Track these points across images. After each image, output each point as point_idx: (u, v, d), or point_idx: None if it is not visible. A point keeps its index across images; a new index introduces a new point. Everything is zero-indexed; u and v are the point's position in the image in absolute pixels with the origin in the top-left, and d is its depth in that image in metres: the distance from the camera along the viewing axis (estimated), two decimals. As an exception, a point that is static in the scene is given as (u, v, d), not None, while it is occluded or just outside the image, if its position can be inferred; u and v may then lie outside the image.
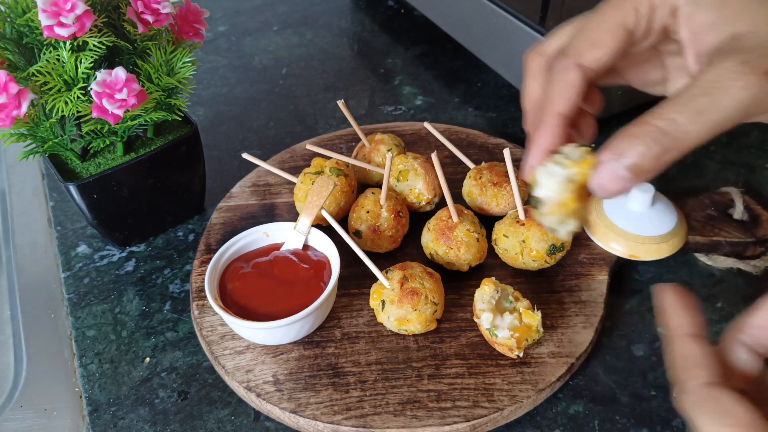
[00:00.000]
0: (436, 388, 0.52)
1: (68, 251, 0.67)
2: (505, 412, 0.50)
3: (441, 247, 0.58)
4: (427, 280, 0.54)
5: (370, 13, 1.06)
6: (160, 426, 0.52)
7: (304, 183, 0.63)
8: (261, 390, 0.52)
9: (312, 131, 0.82)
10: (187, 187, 0.68)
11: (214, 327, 0.57)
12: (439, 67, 0.93)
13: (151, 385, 0.55)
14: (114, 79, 0.52)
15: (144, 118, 0.58)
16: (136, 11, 0.55)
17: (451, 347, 0.55)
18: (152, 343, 0.58)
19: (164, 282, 0.63)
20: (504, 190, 0.62)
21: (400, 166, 0.64)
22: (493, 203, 0.63)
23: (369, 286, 0.57)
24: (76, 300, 0.62)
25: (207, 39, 0.99)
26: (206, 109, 0.86)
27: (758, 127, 0.79)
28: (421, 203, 0.64)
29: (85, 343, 0.58)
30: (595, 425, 0.51)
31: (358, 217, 0.61)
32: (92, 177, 0.59)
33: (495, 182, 0.63)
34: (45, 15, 0.49)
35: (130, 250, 0.67)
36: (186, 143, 0.63)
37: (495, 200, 0.63)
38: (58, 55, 0.53)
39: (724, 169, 0.73)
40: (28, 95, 0.51)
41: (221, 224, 0.67)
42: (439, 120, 0.82)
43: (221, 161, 0.77)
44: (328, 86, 0.90)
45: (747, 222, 0.62)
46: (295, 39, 1.00)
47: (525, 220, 0.58)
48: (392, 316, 0.54)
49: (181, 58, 0.59)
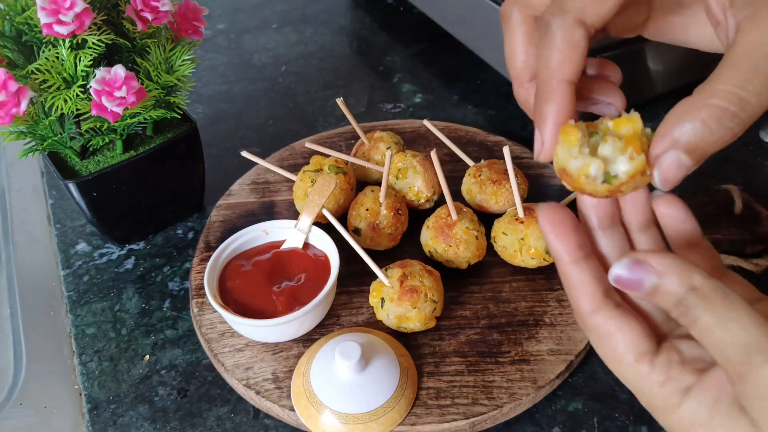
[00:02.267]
0: (435, 386, 0.52)
1: (68, 249, 0.67)
2: (504, 409, 0.50)
3: (440, 244, 0.58)
4: (426, 277, 0.54)
5: (369, 11, 1.06)
6: (159, 423, 0.52)
7: (304, 181, 0.63)
8: (260, 387, 0.52)
9: (311, 129, 0.82)
10: (186, 185, 0.68)
11: (213, 324, 0.57)
12: (438, 65, 0.92)
13: (150, 383, 0.55)
14: (113, 76, 0.52)
15: (143, 115, 0.58)
16: (135, 9, 0.54)
17: (451, 345, 0.55)
18: (152, 340, 0.58)
19: (164, 280, 0.63)
20: (503, 188, 0.62)
21: (400, 164, 0.64)
22: (492, 201, 0.63)
23: (368, 283, 0.57)
24: (75, 298, 0.62)
25: (206, 37, 0.99)
26: (205, 106, 0.86)
27: (758, 126, 0.79)
28: (421, 201, 0.64)
29: (85, 341, 0.58)
30: (595, 422, 0.51)
31: (357, 214, 0.61)
32: (91, 175, 0.59)
33: (494, 180, 0.63)
34: (44, 13, 0.49)
35: (129, 248, 0.67)
36: (185, 141, 0.63)
37: (494, 198, 0.63)
38: (57, 53, 0.53)
39: (723, 166, 0.73)
40: (27, 93, 0.51)
41: (220, 222, 0.67)
42: (438, 117, 0.82)
43: (220, 159, 0.77)
44: (327, 84, 0.90)
45: (747, 220, 0.62)
46: (294, 37, 1.00)
47: (524, 218, 0.58)
48: (392, 313, 0.54)
49: (180, 56, 0.59)
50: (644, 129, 0.29)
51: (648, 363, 0.30)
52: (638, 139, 0.29)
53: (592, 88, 0.35)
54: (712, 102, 0.26)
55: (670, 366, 0.30)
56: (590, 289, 0.31)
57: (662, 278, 0.28)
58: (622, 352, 0.30)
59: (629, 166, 0.29)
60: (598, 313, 0.31)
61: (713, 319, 0.27)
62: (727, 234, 0.61)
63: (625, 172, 0.29)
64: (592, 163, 0.29)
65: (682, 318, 0.28)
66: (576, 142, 0.29)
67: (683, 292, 0.28)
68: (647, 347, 0.30)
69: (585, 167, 0.29)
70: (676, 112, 0.27)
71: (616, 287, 0.30)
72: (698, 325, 0.27)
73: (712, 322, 0.27)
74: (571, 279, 0.31)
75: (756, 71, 0.26)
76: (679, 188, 0.30)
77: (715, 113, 0.26)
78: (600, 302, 0.31)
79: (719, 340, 0.27)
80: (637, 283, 0.29)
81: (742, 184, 0.69)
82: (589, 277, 0.31)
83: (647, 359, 0.30)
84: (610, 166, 0.29)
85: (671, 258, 0.28)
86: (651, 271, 0.28)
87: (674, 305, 0.28)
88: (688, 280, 0.28)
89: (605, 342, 0.31)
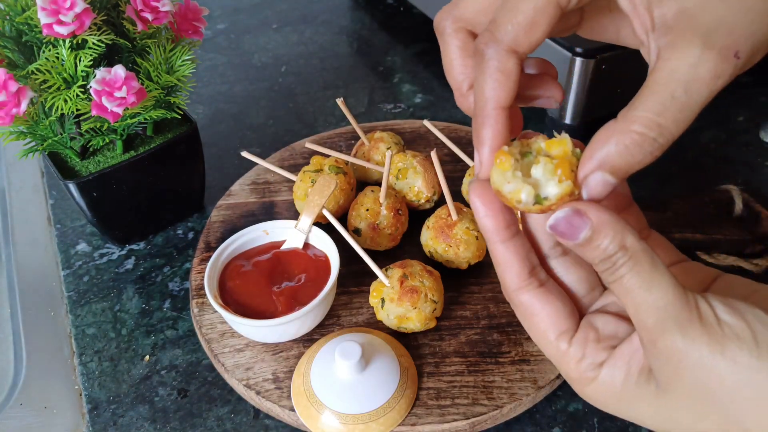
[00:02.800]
0: (435, 386, 0.52)
1: (68, 249, 0.67)
2: (504, 409, 0.50)
3: (440, 244, 0.58)
4: (426, 278, 0.54)
5: (369, 11, 1.06)
6: (159, 424, 0.52)
7: (304, 181, 0.63)
8: (261, 388, 0.52)
9: (311, 129, 0.82)
10: (186, 185, 0.68)
11: (213, 325, 0.57)
12: (438, 65, 0.92)
13: (150, 383, 0.55)
14: (113, 77, 0.52)
15: (143, 116, 0.58)
16: (135, 9, 0.54)
17: (451, 345, 0.55)
18: (152, 341, 0.58)
19: (164, 280, 0.63)
20: (503, 188, 0.62)
21: (400, 164, 0.64)
22: (492, 201, 0.63)
23: (368, 283, 0.57)
24: (75, 298, 0.62)
25: (206, 37, 0.99)
26: (205, 107, 0.86)
27: (758, 125, 0.79)
28: (421, 201, 0.64)
29: (85, 341, 0.58)
30: (595, 423, 0.51)
31: (357, 215, 0.61)
32: (92, 175, 0.59)
33: (494, 180, 0.63)
34: (44, 13, 0.49)
35: (129, 248, 0.67)
36: (185, 141, 0.63)
37: (494, 198, 0.63)
38: (57, 53, 0.53)
39: (723, 167, 0.73)
40: (27, 93, 0.51)
41: (221, 222, 0.67)
42: (438, 118, 0.82)
43: (221, 159, 0.77)
44: (327, 84, 0.90)
45: (747, 220, 0.62)
46: (294, 37, 1.00)
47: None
48: (392, 314, 0.54)
49: (180, 56, 0.59)
50: (574, 150, 0.32)
51: (566, 341, 0.33)
52: (567, 161, 0.31)
53: (533, 84, 0.37)
54: (634, 128, 0.28)
55: (586, 344, 0.32)
56: (516, 268, 0.33)
57: (596, 233, 0.30)
58: (545, 330, 0.33)
59: (559, 189, 0.31)
60: (522, 291, 0.33)
61: (637, 281, 0.29)
62: (727, 234, 0.61)
63: (555, 194, 0.31)
64: (523, 190, 0.31)
65: (607, 274, 0.30)
66: (509, 168, 0.32)
67: (613, 249, 0.29)
68: (567, 326, 0.33)
69: (517, 192, 0.31)
70: (601, 136, 0.30)
71: (553, 234, 0.31)
72: (622, 284, 0.29)
73: (637, 283, 0.29)
74: (498, 257, 0.33)
75: (674, 100, 0.28)
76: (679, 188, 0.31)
77: (637, 139, 0.28)
78: (525, 281, 0.33)
79: (640, 302, 0.29)
80: (572, 233, 0.30)
81: (742, 184, 0.69)
82: (515, 256, 0.33)
83: (566, 337, 0.33)
84: (541, 188, 0.32)
85: (609, 214, 0.30)
86: (588, 223, 0.30)
87: (602, 260, 0.30)
88: (620, 238, 0.29)
89: (529, 319, 0.34)
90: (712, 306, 0.29)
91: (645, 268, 0.29)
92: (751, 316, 0.28)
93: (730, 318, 0.28)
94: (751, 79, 0.86)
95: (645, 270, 0.29)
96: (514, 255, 0.33)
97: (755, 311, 0.28)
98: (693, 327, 0.28)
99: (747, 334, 0.28)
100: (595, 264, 0.30)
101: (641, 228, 0.37)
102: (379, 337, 0.54)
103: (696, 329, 0.28)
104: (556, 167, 0.32)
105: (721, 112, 0.81)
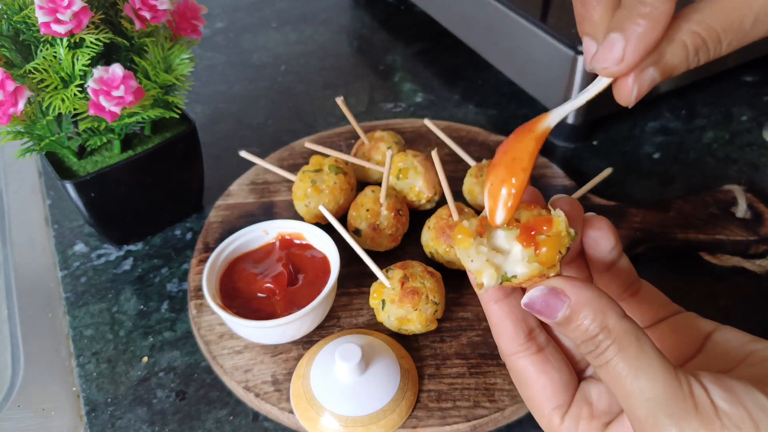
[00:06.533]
0: (436, 388, 0.51)
1: (65, 250, 0.66)
2: (506, 412, 0.50)
3: (441, 245, 0.58)
4: (427, 279, 0.54)
5: (369, 10, 1.05)
6: (158, 426, 0.52)
7: (303, 181, 0.63)
8: (260, 390, 0.52)
9: (311, 129, 0.81)
10: (184, 185, 0.67)
11: (212, 326, 0.56)
12: (439, 64, 0.92)
13: (148, 385, 0.54)
14: (111, 76, 0.52)
15: (141, 115, 0.57)
16: (133, 8, 0.54)
17: (452, 347, 0.54)
18: (150, 342, 0.58)
19: (162, 281, 0.63)
20: (505, 188, 0.62)
21: (400, 164, 0.64)
22: (493, 201, 0.62)
23: (369, 285, 0.57)
24: (73, 299, 0.62)
25: (205, 36, 0.98)
26: (204, 106, 0.86)
27: (762, 125, 0.78)
28: (421, 201, 0.64)
29: (83, 343, 0.58)
30: (597, 425, 0.51)
31: (357, 215, 0.60)
32: (89, 175, 0.58)
33: (496, 180, 0.62)
34: (42, 12, 0.49)
35: (127, 249, 0.66)
36: (184, 141, 0.63)
37: (496, 198, 0.62)
38: (54, 52, 0.52)
39: (726, 166, 0.73)
40: (24, 93, 0.51)
41: (219, 222, 0.66)
42: (439, 117, 0.82)
43: (219, 159, 0.77)
44: (327, 83, 0.89)
45: (750, 220, 0.62)
46: (293, 36, 1.00)
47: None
48: (392, 315, 0.53)
49: (178, 55, 0.58)
50: (568, 229, 0.30)
51: (560, 416, 0.32)
52: (558, 240, 0.29)
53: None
54: (698, 30, 0.28)
55: (579, 421, 0.32)
56: (510, 330, 0.32)
57: (575, 312, 0.28)
58: (539, 402, 0.32)
59: (526, 269, 0.29)
60: (518, 356, 0.32)
61: (624, 367, 0.27)
62: (730, 234, 0.61)
63: (523, 274, 0.29)
64: (484, 273, 0.29)
65: (593, 358, 0.28)
66: (470, 246, 0.30)
67: (595, 330, 0.28)
68: (561, 400, 0.32)
69: (479, 274, 0.30)
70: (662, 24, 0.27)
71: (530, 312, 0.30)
72: (608, 371, 0.28)
73: (624, 371, 0.27)
74: (492, 318, 0.33)
75: (741, 25, 0.28)
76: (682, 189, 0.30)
77: (698, 43, 0.28)
78: (521, 345, 0.32)
79: (629, 392, 0.27)
80: (549, 312, 0.29)
81: (746, 184, 0.68)
82: (509, 318, 0.32)
83: (559, 413, 0.32)
84: (507, 265, 0.30)
85: (588, 290, 0.28)
86: (565, 302, 0.29)
87: (584, 341, 0.28)
88: (601, 318, 0.28)
89: (524, 387, 0.33)
90: (707, 390, 0.26)
91: (631, 353, 0.27)
92: (750, 401, 0.26)
93: (728, 406, 0.26)
94: (755, 79, 0.85)
95: (631, 355, 0.27)
96: (508, 316, 0.32)
97: (754, 394, 0.26)
98: (688, 418, 0.26)
99: (747, 424, 0.26)
100: (578, 345, 0.29)
101: (631, 282, 0.35)
102: (379, 339, 0.53)
103: (692, 421, 0.26)
104: (520, 236, 0.30)
105: (724, 111, 0.81)
